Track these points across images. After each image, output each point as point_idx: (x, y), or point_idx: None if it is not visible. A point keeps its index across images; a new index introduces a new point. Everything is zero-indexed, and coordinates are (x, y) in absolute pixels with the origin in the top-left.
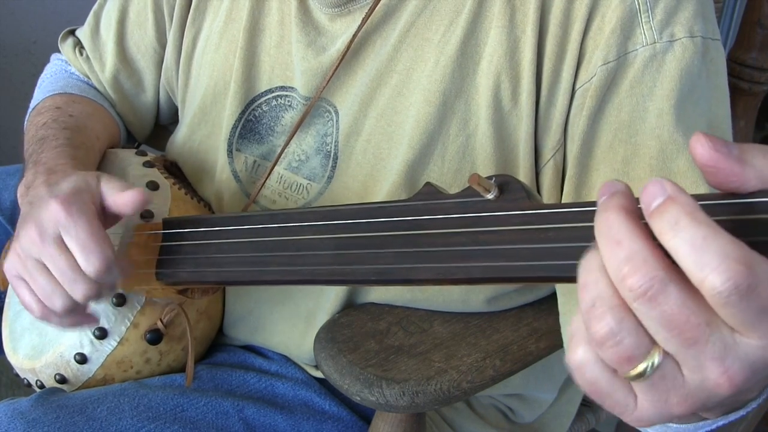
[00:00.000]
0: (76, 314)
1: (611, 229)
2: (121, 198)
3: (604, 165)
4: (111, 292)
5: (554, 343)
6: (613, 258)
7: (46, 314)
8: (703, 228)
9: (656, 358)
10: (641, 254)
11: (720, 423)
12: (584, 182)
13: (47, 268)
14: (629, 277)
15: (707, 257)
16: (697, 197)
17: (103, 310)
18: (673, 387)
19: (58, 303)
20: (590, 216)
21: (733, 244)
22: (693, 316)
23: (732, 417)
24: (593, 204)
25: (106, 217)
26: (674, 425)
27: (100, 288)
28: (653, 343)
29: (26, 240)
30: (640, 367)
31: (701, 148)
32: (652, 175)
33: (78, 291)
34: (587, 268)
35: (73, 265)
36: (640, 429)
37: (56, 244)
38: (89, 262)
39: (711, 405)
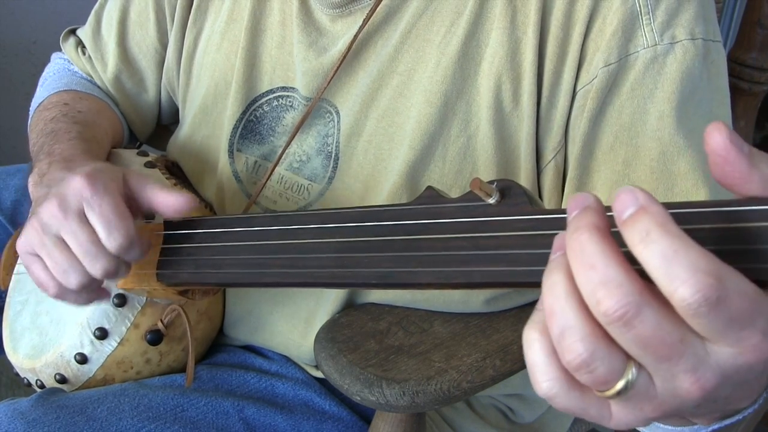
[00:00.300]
0: (91, 290)
1: (584, 252)
2: (167, 199)
3: (605, 167)
4: (126, 271)
5: None
6: (587, 282)
7: (62, 292)
8: (674, 240)
9: (630, 375)
10: (616, 279)
11: (714, 427)
12: (585, 183)
13: (66, 244)
14: (604, 302)
15: (678, 270)
16: (670, 205)
17: (103, 310)
18: (647, 398)
19: (73, 280)
20: None
21: (704, 256)
22: (668, 336)
23: (728, 421)
24: None
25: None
26: (670, 427)
27: (119, 264)
28: (627, 359)
29: (47, 214)
30: (617, 388)
31: (719, 135)
32: (652, 177)
33: (98, 267)
34: (554, 293)
35: (94, 240)
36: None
37: (78, 218)
38: (113, 237)
39: (685, 410)
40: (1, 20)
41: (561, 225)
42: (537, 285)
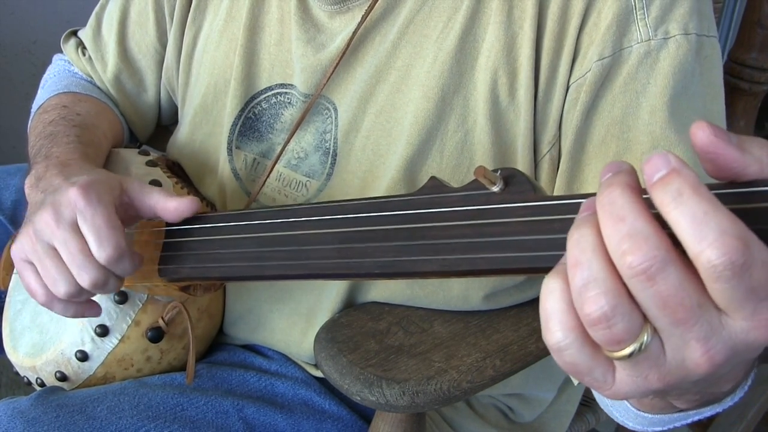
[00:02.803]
0: (79, 303)
1: (614, 205)
2: (168, 204)
3: (596, 160)
4: (117, 285)
5: None
6: (614, 234)
7: (50, 300)
8: (705, 203)
9: (645, 339)
10: (644, 232)
11: (695, 418)
12: (576, 177)
13: (57, 253)
14: (629, 254)
15: (706, 231)
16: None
17: (104, 307)
18: (655, 365)
19: (62, 288)
20: None
21: (733, 221)
22: (687, 298)
23: (707, 412)
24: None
25: (125, 215)
26: (649, 415)
27: (107, 276)
28: (644, 322)
29: (41, 223)
30: (629, 349)
31: (702, 133)
32: None
33: (86, 277)
34: (580, 246)
35: (84, 250)
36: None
37: (71, 228)
38: (102, 247)
39: (687, 385)
40: (1, 20)
41: (565, 211)
42: (541, 270)
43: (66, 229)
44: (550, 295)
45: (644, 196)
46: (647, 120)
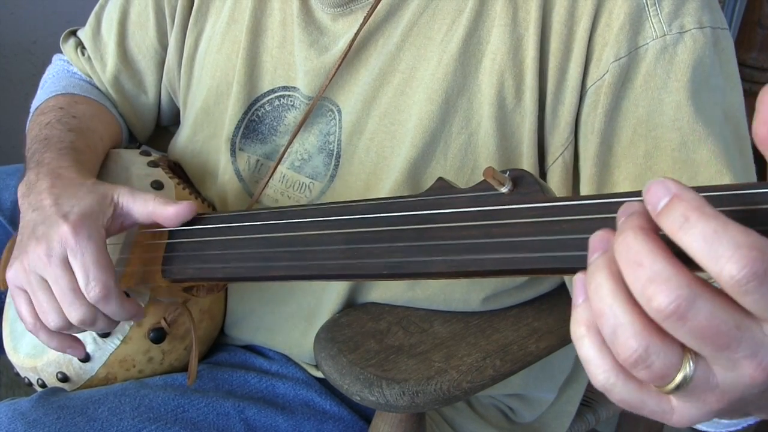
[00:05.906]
0: (64, 337)
1: (630, 251)
2: (166, 211)
3: (626, 161)
4: (106, 325)
5: (554, 343)
6: (635, 280)
7: (38, 328)
8: (713, 221)
9: (688, 368)
10: (664, 273)
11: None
12: (606, 181)
13: (49, 287)
14: (655, 298)
15: (721, 249)
16: (702, 189)
17: None
18: (709, 388)
19: (51, 321)
20: (604, 208)
21: (744, 233)
22: (723, 324)
23: None
24: (607, 196)
25: (121, 226)
26: (725, 421)
27: (95, 314)
28: (683, 351)
29: (34, 256)
30: (675, 382)
31: None
32: (675, 167)
33: (74, 313)
34: (599, 295)
35: (74, 288)
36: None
37: (62, 264)
38: (90, 286)
39: (749, 397)
40: (1, 20)
41: (572, 212)
42: (549, 271)
43: (57, 266)
44: (581, 343)
45: (661, 232)
46: (673, 116)
